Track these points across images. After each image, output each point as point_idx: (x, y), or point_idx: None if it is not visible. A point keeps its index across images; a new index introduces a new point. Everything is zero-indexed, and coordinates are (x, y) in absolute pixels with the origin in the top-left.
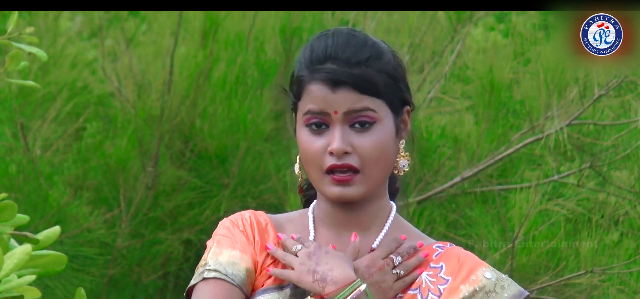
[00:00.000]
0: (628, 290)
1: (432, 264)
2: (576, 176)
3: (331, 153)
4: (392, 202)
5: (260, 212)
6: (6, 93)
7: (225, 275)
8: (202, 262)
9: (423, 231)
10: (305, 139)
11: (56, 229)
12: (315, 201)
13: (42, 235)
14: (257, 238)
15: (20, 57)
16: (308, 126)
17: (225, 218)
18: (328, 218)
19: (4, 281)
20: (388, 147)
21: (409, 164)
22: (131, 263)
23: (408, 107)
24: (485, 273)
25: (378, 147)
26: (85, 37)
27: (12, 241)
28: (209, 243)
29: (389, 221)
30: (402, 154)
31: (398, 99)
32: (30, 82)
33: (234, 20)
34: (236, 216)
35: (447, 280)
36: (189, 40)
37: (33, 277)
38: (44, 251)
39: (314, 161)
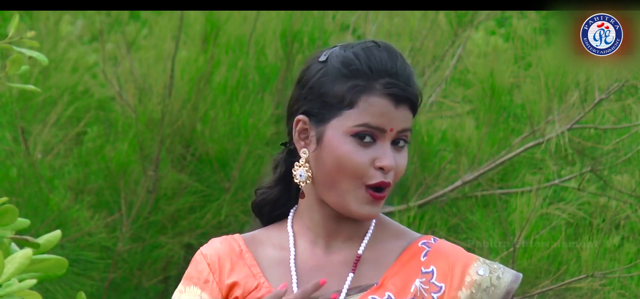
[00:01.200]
0: (629, 294)
1: (423, 270)
2: (577, 180)
3: (381, 169)
4: None
5: (235, 236)
6: (7, 97)
7: None
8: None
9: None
10: (350, 149)
11: (57, 233)
12: (293, 211)
13: (43, 239)
14: (227, 272)
15: (21, 61)
16: (355, 136)
17: (198, 250)
18: (317, 229)
19: (5, 285)
20: None
21: None
22: (132, 267)
23: None
24: (479, 270)
25: (406, 165)
26: (86, 41)
27: (13, 245)
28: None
29: (372, 226)
30: None
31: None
32: (31, 86)
33: (234, 24)
34: (207, 248)
35: (440, 287)
36: (189, 44)
37: (34, 281)
38: (45, 255)
39: (355, 173)
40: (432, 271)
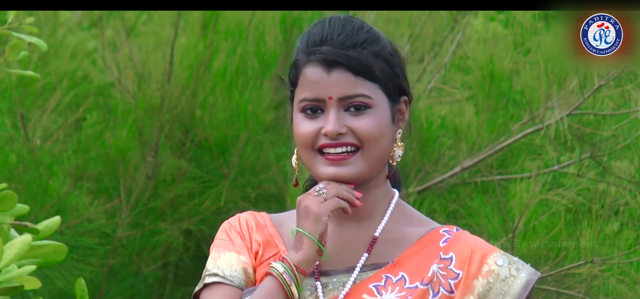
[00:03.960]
0: (628, 280)
1: (442, 255)
2: (576, 166)
3: (325, 135)
4: (394, 189)
5: (261, 213)
6: (6, 83)
7: (224, 278)
8: (206, 269)
9: None
10: (299, 123)
11: (56, 219)
12: None
13: (42, 225)
14: (254, 236)
15: (20, 47)
16: (303, 111)
17: (225, 221)
18: None
19: (4, 271)
20: (384, 131)
21: (401, 155)
22: (131, 253)
23: (406, 97)
24: (497, 260)
25: (374, 128)
26: (85, 27)
27: (12, 231)
28: (211, 247)
29: (391, 208)
30: (398, 144)
31: (394, 86)
32: (30, 72)
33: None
34: (234, 219)
35: (458, 274)
36: (189, 30)
37: (33, 267)
38: (44, 241)
39: (306, 142)
40: (451, 257)
